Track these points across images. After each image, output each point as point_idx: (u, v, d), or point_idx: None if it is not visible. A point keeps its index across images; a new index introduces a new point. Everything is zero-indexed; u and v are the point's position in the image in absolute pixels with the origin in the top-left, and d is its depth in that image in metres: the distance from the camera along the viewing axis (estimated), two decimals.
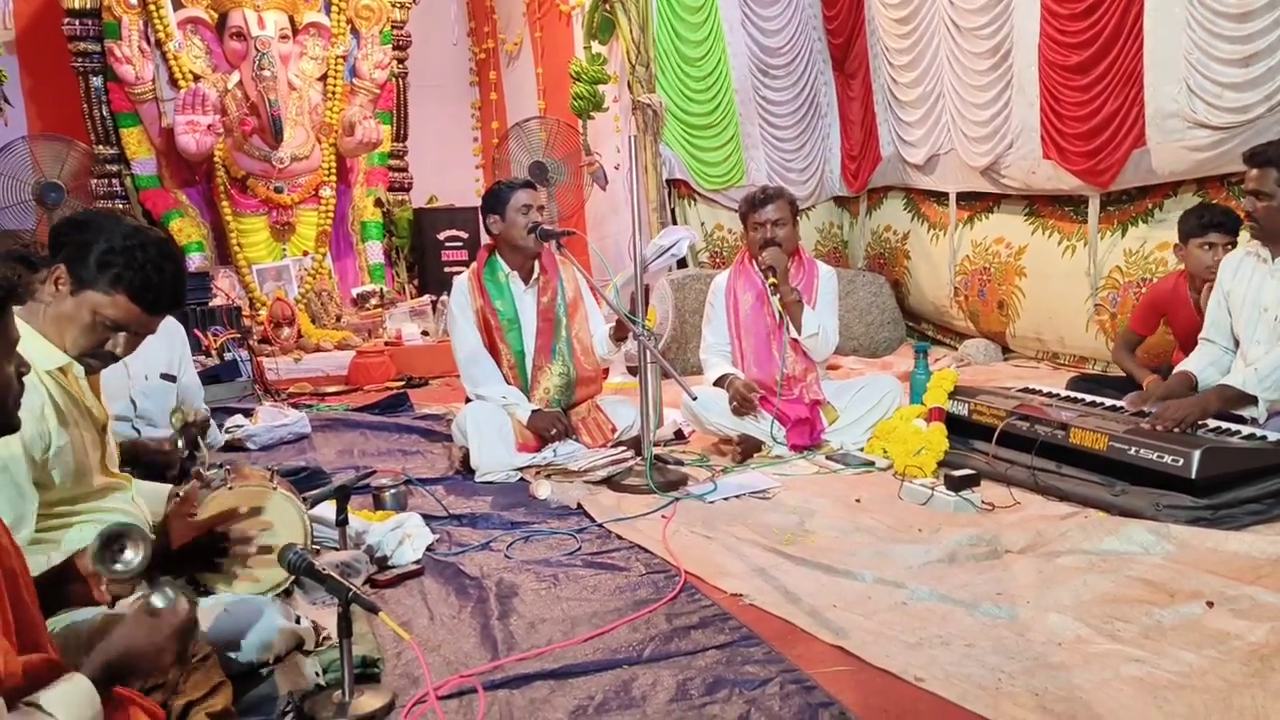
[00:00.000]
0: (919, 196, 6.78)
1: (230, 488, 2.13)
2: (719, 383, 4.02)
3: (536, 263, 3.99)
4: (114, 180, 7.29)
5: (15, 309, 1.47)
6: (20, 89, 7.68)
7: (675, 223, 7.06)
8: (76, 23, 7.10)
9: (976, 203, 6.25)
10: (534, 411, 3.85)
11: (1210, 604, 2.23)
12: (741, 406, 3.90)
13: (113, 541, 1.62)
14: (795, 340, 3.95)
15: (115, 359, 2.06)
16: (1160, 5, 4.62)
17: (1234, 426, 3.06)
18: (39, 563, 1.70)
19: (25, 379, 1.52)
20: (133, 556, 1.62)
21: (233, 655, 1.91)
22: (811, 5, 7.19)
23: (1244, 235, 3.60)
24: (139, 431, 3.20)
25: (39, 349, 1.93)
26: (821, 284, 4.08)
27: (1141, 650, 2.03)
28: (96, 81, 7.20)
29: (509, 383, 3.93)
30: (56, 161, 7.25)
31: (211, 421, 3.53)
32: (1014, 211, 6.01)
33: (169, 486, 2.44)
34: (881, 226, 7.16)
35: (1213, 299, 3.47)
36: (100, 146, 7.27)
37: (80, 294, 1.96)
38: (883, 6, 6.54)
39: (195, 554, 1.92)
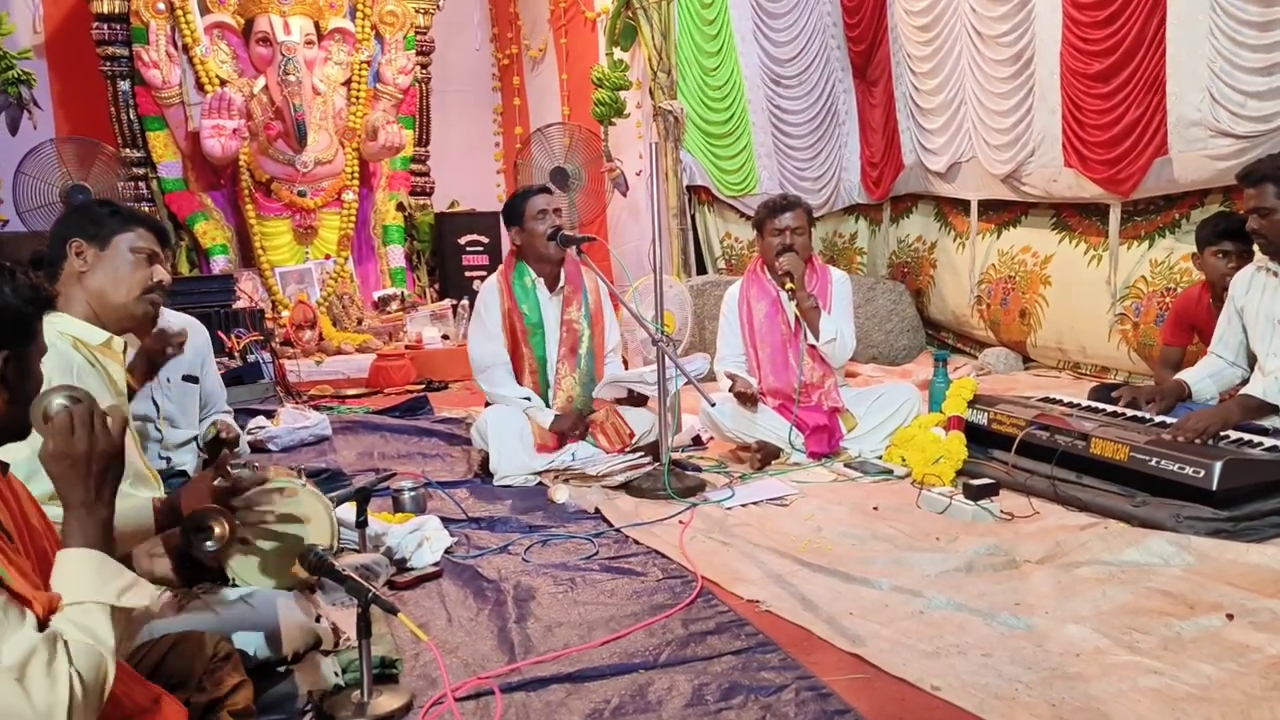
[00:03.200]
0: (947, 206, 6.76)
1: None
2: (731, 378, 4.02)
3: (562, 271, 4.01)
4: (140, 183, 7.37)
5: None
6: (49, 92, 7.79)
7: (695, 229, 7.08)
8: (105, 27, 7.19)
9: (1004, 212, 6.23)
10: (555, 416, 3.88)
11: (1230, 616, 2.21)
12: (741, 401, 3.90)
13: (198, 529, 1.73)
14: (812, 347, 3.95)
15: (165, 291, 2.34)
16: (1183, 13, 4.60)
17: (1255, 438, 3.04)
18: (56, 513, 1.76)
19: (54, 356, 1.61)
20: (215, 540, 1.72)
21: (251, 650, 1.93)
22: (830, 14, 7.19)
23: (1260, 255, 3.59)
24: (161, 433, 3.24)
25: (82, 330, 2.10)
26: (835, 289, 4.08)
27: (1160, 662, 2.02)
28: (124, 85, 7.29)
29: (530, 386, 3.96)
30: (84, 164, 7.34)
31: (241, 436, 3.61)
32: (1041, 220, 5.98)
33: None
34: (911, 236, 7.13)
35: (1224, 314, 3.47)
36: (127, 150, 7.35)
37: (109, 245, 2.24)
38: (905, 14, 6.54)
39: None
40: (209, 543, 1.71)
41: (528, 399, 3.90)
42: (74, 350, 2.03)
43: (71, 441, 1.41)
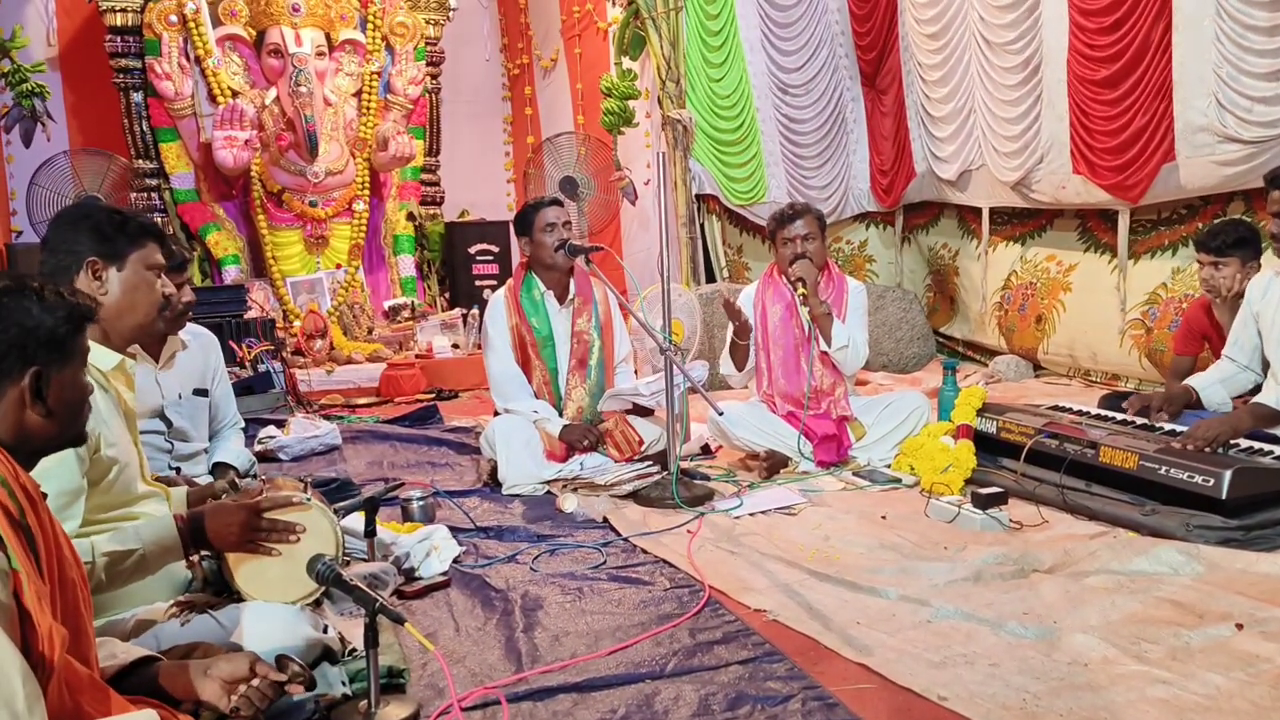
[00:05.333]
0: (970, 216, 6.74)
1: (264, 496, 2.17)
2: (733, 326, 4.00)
3: (571, 282, 4.02)
4: (153, 194, 7.42)
5: None
6: (63, 105, 7.86)
7: (704, 238, 7.09)
8: (118, 40, 7.24)
9: (1029, 220, 6.21)
10: (565, 426, 3.88)
11: (1240, 626, 2.20)
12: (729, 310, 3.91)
13: None
14: (824, 353, 3.95)
15: (170, 303, 2.33)
16: (1189, 19, 4.59)
17: (1266, 446, 3.03)
18: (83, 547, 1.79)
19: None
20: None
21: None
22: (839, 22, 7.19)
23: (1276, 260, 3.58)
24: (172, 445, 3.25)
25: (95, 353, 2.05)
26: (851, 298, 4.08)
27: (1169, 672, 2.01)
28: (137, 97, 7.34)
29: (543, 398, 3.97)
30: (97, 175, 7.41)
31: (255, 465, 3.63)
32: (1067, 229, 5.95)
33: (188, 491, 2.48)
34: (939, 245, 7.13)
35: (1239, 318, 3.45)
36: (140, 161, 7.40)
37: (124, 263, 2.18)
38: (915, 22, 6.54)
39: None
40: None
41: (536, 412, 3.91)
42: None
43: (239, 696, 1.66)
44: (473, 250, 8.19)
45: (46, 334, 1.50)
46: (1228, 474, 2.77)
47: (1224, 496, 2.76)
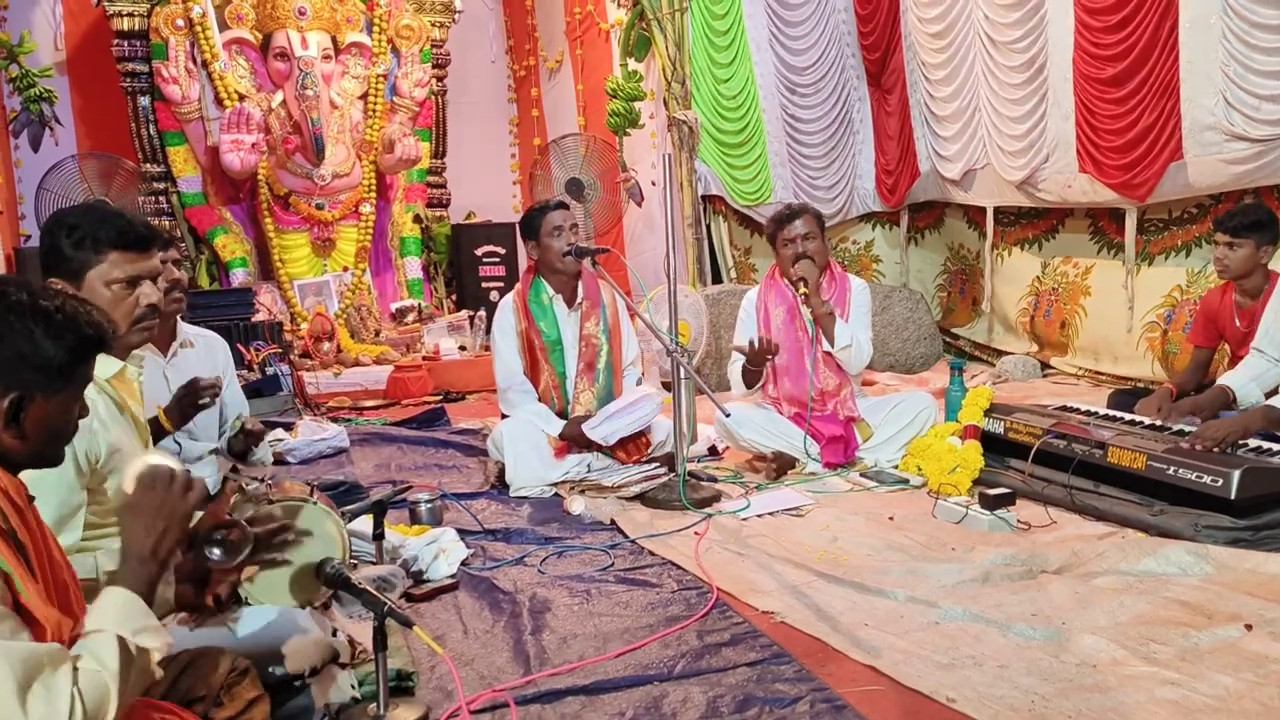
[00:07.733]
0: (977, 215, 6.72)
1: (270, 500, 2.17)
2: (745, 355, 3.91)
3: (579, 285, 4.02)
4: (161, 198, 7.44)
5: None
6: (70, 109, 7.89)
7: (711, 238, 7.09)
8: (125, 44, 7.27)
9: (1038, 221, 6.20)
10: (568, 422, 3.88)
11: (1249, 627, 2.20)
12: (754, 356, 3.85)
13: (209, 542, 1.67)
14: (828, 354, 3.95)
15: (158, 312, 2.17)
16: (1195, 18, 4.58)
17: (1275, 446, 3.02)
18: (87, 564, 1.77)
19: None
20: (227, 548, 1.68)
21: (270, 668, 1.94)
22: (845, 22, 7.19)
23: None
24: (180, 445, 3.26)
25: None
26: (854, 297, 4.07)
27: (1178, 673, 2.01)
28: (144, 101, 7.37)
29: (553, 400, 3.97)
30: (105, 179, 7.42)
31: (266, 438, 3.61)
32: (1079, 231, 5.93)
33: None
34: (957, 244, 7.11)
35: (1270, 309, 3.42)
36: (147, 165, 7.42)
37: (82, 282, 2.06)
38: (919, 21, 6.53)
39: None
40: (216, 550, 1.65)
41: (535, 415, 3.91)
42: None
43: (149, 495, 1.50)
44: (479, 252, 8.21)
45: (42, 362, 1.43)
46: (1236, 474, 2.76)
47: (1233, 496, 2.76)
